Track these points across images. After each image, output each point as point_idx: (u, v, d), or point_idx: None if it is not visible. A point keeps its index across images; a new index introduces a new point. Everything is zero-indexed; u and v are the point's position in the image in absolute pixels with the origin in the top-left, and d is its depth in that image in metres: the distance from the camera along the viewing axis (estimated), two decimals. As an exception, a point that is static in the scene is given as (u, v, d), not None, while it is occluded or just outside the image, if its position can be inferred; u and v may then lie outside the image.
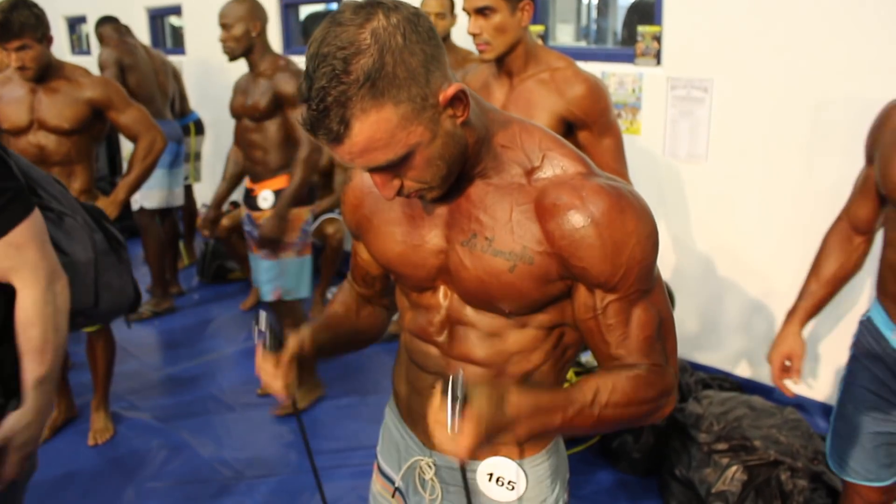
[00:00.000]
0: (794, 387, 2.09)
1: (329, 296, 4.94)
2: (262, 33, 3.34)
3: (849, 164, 3.05)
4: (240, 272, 5.21)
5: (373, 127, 0.97)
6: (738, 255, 3.54)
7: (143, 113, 3.25)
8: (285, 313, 3.62)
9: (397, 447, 1.44)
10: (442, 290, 1.24)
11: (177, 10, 6.67)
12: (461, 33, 3.87)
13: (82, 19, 7.91)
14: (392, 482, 1.46)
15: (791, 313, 2.05)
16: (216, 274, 5.32)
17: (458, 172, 1.11)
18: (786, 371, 2.05)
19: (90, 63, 6.18)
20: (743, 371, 3.65)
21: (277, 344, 1.28)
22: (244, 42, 3.30)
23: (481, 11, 2.19)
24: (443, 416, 1.00)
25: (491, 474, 1.31)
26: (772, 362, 2.06)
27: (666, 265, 3.79)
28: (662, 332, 1.16)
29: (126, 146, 7.45)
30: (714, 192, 3.54)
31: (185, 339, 4.52)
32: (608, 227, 1.07)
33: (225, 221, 4.81)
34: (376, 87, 0.95)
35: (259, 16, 3.33)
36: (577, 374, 3.19)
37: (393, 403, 1.47)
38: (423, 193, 1.10)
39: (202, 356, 4.28)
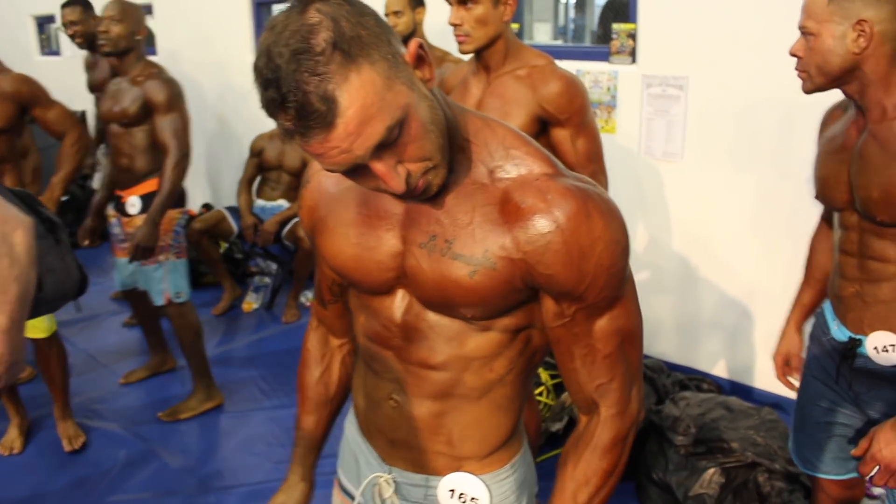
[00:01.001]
0: (771, 383, 2.11)
1: (303, 300, 4.87)
2: (143, 40, 3.38)
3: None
4: (212, 276, 5.12)
5: (360, 92, 0.89)
6: (715, 254, 3.50)
7: (66, 109, 3.20)
8: (176, 318, 3.55)
9: (357, 461, 1.37)
10: (399, 293, 1.17)
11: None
12: (436, 35, 3.81)
13: (51, 19, 7.78)
14: (352, 498, 1.39)
15: (790, 313, 2.14)
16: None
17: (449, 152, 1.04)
18: (788, 368, 2.14)
19: (60, 64, 6.10)
20: (721, 371, 3.61)
21: None
22: (127, 41, 3.29)
23: (463, 2, 2.14)
24: None
25: (453, 490, 1.24)
26: (774, 361, 2.17)
27: (643, 264, 3.75)
28: (626, 347, 1.11)
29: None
30: (691, 190, 3.50)
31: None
32: (574, 232, 1.01)
33: (195, 225, 4.74)
34: (347, 53, 0.88)
35: (143, 22, 3.40)
36: (552, 377, 3.14)
37: (352, 416, 1.40)
38: (430, 179, 1.01)
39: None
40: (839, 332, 1.85)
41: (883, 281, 1.72)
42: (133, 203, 3.43)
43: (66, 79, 5.53)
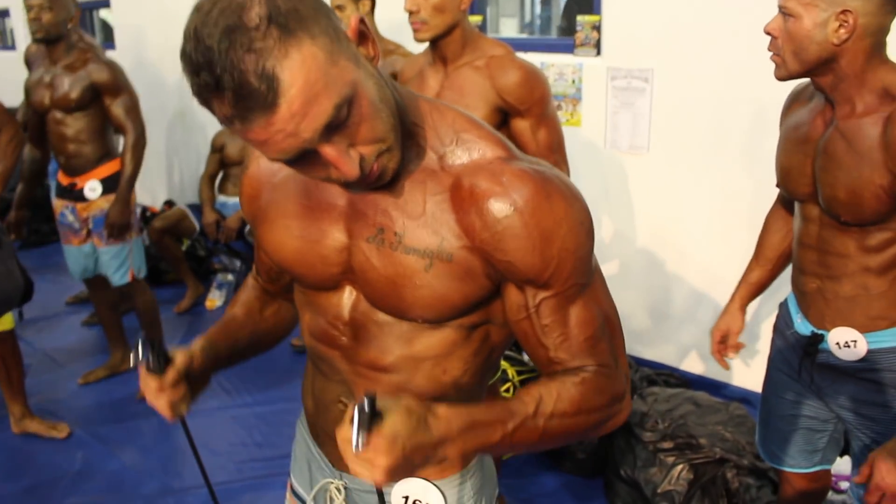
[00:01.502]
0: (741, 378, 2.09)
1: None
2: (76, 26, 3.42)
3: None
4: (174, 274, 5.02)
5: (303, 68, 0.82)
6: (682, 247, 3.48)
7: (1, 105, 3.11)
8: (140, 294, 3.71)
9: (309, 465, 1.31)
10: (346, 289, 1.10)
11: (105, 4, 6.43)
12: (387, 30, 3.75)
13: (5, 13, 7.60)
14: (304, 502, 1.33)
15: (735, 291, 2.09)
16: (150, 276, 5.11)
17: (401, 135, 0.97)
18: (724, 346, 2.10)
19: (16, 59, 5.93)
20: (689, 366, 3.60)
21: (162, 364, 1.13)
22: (60, 28, 3.30)
23: None
24: (350, 433, 0.86)
25: (406, 497, 1.18)
26: (711, 336, 2.11)
27: (609, 258, 3.72)
28: (608, 330, 1.04)
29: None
30: (657, 183, 3.47)
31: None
32: (534, 215, 0.94)
33: (157, 223, 4.64)
34: (284, 27, 0.81)
35: (73, 10, 3.39)
36: (519, 373, 3.11)
37: (303, 418, 1.33)
38: (385, 163, 0.93)
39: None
40: (802, 326, 1.82)
41: (843, 277, 1.69)
42: (93, 187, 3.47)
43: (21, 74, 5.38)
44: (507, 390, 3.07)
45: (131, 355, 1.13)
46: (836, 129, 1.61)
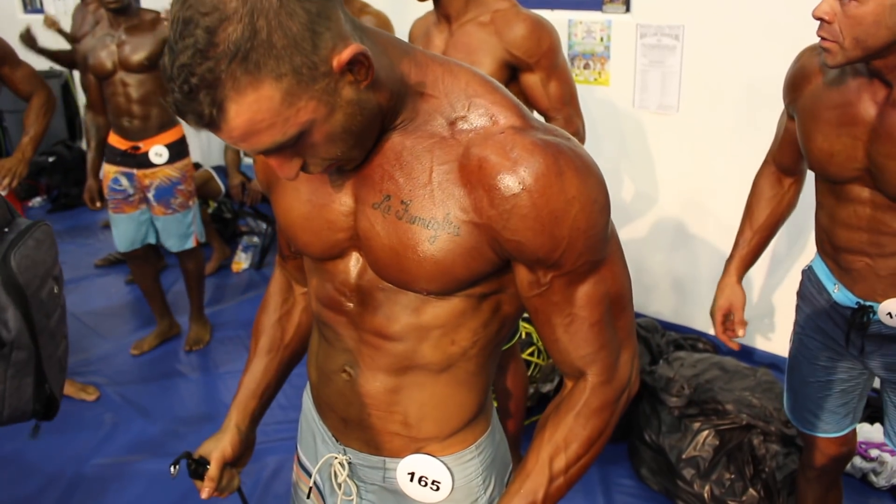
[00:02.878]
0: (768, 344, 2.03)
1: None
2: None
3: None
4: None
5: (252, 107, 0.81)
6: (712, 210, 3.41)
7: (33, 69, 3.13)
8: (197, 260, 3.81)
9: (314, 438, 1.29)
10: (353, 255, 1.06)
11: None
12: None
13: (35, -25, 7.61)
14: (310, 475, 1.31)
15: (728, 263, 1.99)
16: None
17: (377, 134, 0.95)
18: (729, 323, 1.99)
19: (41, 22, 5.93)
20: (717, 330, 3.55)
21: (201, 470, 1.28)
22: None
23: None
24: None
25: (412, 473, 1.15)
26: (712, 317, 2.01)
27: (636, 220, 3.66)
28: (615, 311, 1.01)
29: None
30: (686, 144, 3.40)
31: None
32: (543, 193, 0.89)
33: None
34: (250, 61, 0.79)
35: None
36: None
37: (308, 389, 1.31)
38: (335, 167, 0.95)
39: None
40: (842, 297, 1.76)
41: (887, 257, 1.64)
42: (159, 153, 3.47)
43: (49, 37, 5.38)
44: (532, 353, 3.05)
45: (171, 469, 1.25)
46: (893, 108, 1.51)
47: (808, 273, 1.89)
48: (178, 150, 3.53)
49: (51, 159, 6.23)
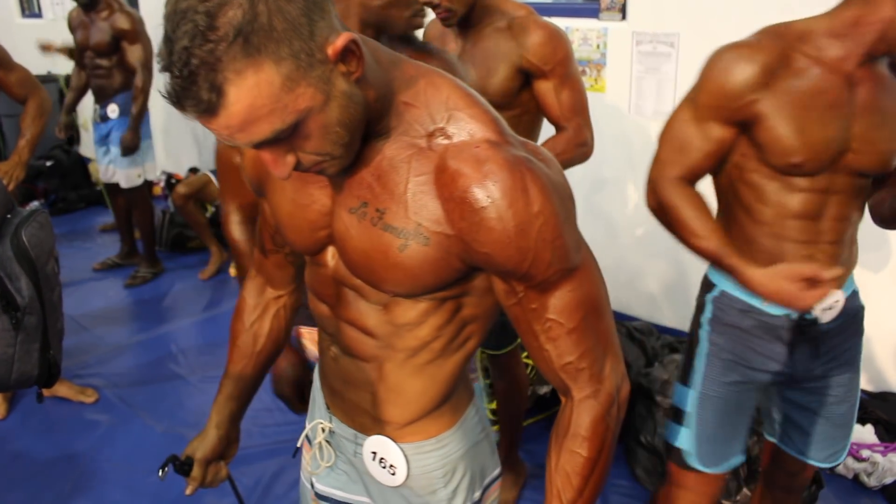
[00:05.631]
0: None
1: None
2: None
3: None
4: (198, 241, 5.07)
5: (252, 91, 0.82)
6: (705, 216, 3.45)
7: (28, 72, 3.15)
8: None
9: (314, 403, 1.38)
10: (330, 250, 1.12)
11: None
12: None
13: (33, -20, 7.63)
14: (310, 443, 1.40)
15: (734, 260, 1.66)
16: (174, 242, 5.18)
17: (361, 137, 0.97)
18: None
19: (42, 27, 5.97)
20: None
21: (186, 468, 1.40)
22: None
23: None
24: None
25: (375, 453, 1.22)
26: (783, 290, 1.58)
27: (633, 225, 3.70)
28: (591, 319, 1.04)
29: (84, 110, 7.23)
30: (681, 150, 3.43)
31: (141, 310, 4.39)
32: (509, 208, 0.92)
33: (181, 189, 4.68)
34: (250, 43, 0.80)
35: None
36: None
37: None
38: (325, 168, 0.96)
39: (158, 327, 4.15)
40: (772, 308, 1.68)
41: (842, 241, 1.65)
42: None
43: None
44: (528, 356, 3.08)
45: (160, 472, 1.38)
46: (865, 81, 1.55)
47: (720, 300, 1.77)
48: None
49: (48, 163, 6.25)
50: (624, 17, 3.47)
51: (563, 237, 0.97)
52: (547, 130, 2.21)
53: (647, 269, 3.71)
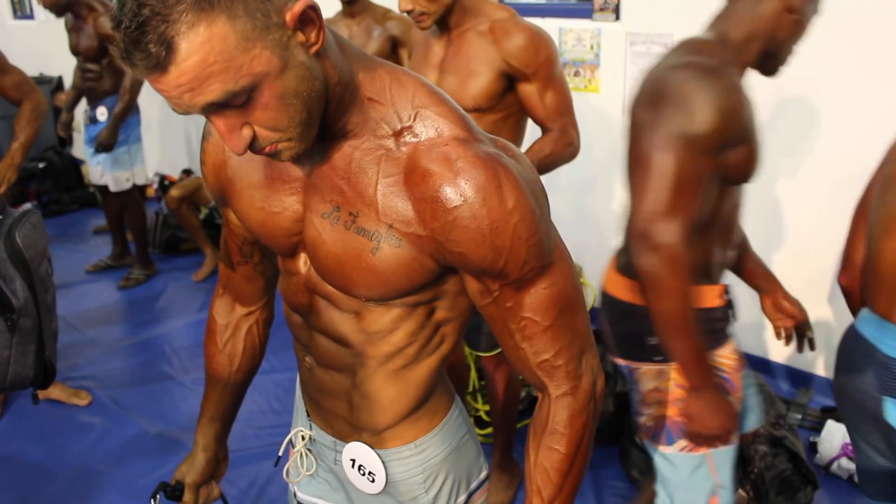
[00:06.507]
0: (757, 346, 2.00)
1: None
2: None
3: (810, 125, 2.98)
4: (191, 243, 5.05)
5: (205, 47, 0.79)
6: (699, 216, 3.45)
7: (24, 74, 3.14)
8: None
9: (297, 411, 1.37)
10: (302, 256, 1.11)
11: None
12: None
13: (25, -19, 7.60)
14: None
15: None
16: (168, 244, 5.17)
17: (319, 124, 0.94)
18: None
19: (34, 28, 5.94)
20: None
21: (178, 494, 1.41)
22: None
23: None
24: None
25: (354, 460, 1.21)
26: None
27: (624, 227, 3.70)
28: (566, 316, 1.03)
29: (77, 112, 7.20)
30: (675, 151, 3.43)
31: (134, 312, 4.38)
32: (483, 205, 0.91)
33: (174, 192, 4.66)
34: None
35: None
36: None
37: None
38: (281, 150, 0.91)
39: (152, 329, 4.14)
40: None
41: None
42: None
43: (40, 43, 5.39)
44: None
45: (151, 502, 1.38)
46: None
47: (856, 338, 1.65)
48: None
49: (41, 165, 6.23)
50: (618, 18, 3.47)
51: (538, 234, 0.96)
52: (531, 133, 2.20)
53: (642, 269, 3.71)
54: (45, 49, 5.63)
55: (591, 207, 3.82)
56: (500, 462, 2.68)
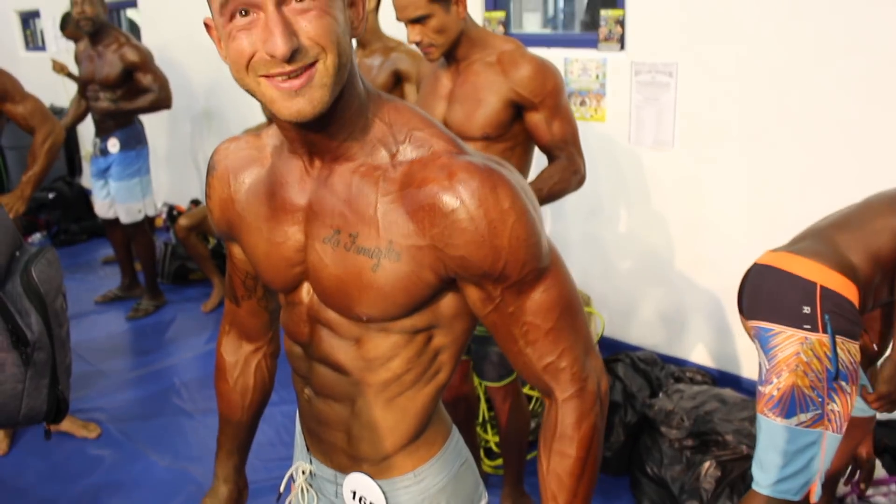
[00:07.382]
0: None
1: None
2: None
3: (815, 149, 2.99)
4: (200, 273, 5.07)
5: None
6: (707, 243, 3.45)
7: (40, 103, 3.14)
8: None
9: (297, 447, 1.38)
10: (305, 286, 1.14)
11: (132, 3, 6.49)
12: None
13: (36, 14, 7.69)
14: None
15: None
16: (176, 275, 5.18)
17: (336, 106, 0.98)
18: None
19: (46, 60, 6.00)
20: (715, 363, 3.57)
21: None
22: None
23: (416, 20, 2.11)
24: None
25: (355, 492, 1.22)
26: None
27: (634, 254, 3.71)
28: (566, 318, 1.05)
29: (85, 144, 7.27)
30: (681, 178, 3.45)
31: (143, 343, 4.39)
32: (480, 206, 0.94)
33: (183, 221, 4.69)
34: None
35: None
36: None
37: None
38: (317, 69, 0.93)
39: (161, 360, 4.14)
40: None
41: None
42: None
43: (51, 74, 5.45)
44: (533, 387, 3.07)
45: None
46: None
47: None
48: None
49: (51, 195, 6.28)
50: (623, 48, 3.49)
51: (535, 235, 0.98)
52: (538, 164, 2.23)
53: (648, 298, 3.71)
54: (56, 80, 5.69)
55: (596, 235, 3.83)
56: (511, 494, 2.66)
